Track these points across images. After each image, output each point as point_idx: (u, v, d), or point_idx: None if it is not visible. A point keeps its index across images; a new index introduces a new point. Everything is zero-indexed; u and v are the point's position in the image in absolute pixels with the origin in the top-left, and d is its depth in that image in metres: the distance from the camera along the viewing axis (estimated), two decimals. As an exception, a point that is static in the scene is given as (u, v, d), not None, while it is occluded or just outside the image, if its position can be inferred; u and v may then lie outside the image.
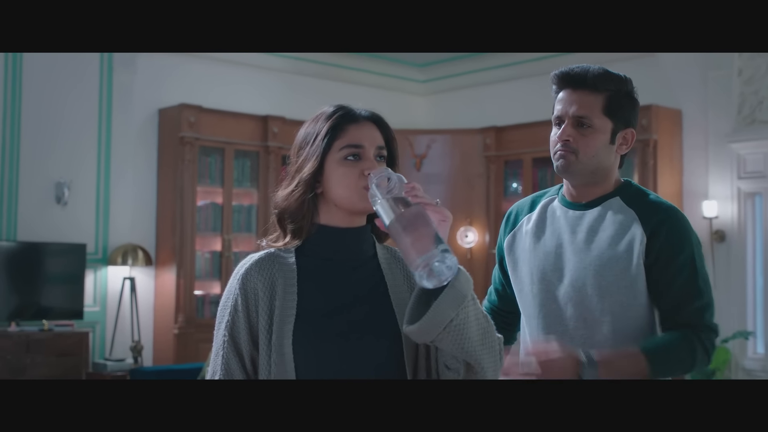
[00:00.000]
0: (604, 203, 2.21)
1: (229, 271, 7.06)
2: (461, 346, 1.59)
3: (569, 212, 2.23)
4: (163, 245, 7.05)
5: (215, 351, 1.71)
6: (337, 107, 1.76)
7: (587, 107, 2.16)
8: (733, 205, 6.61)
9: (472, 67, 8.40)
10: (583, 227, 2.20)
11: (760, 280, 6.58)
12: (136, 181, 7.08)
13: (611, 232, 2.16)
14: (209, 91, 7.38)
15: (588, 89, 2.17)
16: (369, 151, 1.71)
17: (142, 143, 7.12)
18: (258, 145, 7.36)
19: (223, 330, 1.69)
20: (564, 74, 2.21)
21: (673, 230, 2.15)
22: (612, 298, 2.14)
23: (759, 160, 6.52)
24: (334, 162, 1.70)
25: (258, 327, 1.68)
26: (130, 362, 6.61)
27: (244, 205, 7.39)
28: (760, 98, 6.51)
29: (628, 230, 2.15)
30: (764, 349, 6.54)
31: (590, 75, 2.17)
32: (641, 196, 2.22)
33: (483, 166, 7.90)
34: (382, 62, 8.51)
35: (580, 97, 2.17)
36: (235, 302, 1.69)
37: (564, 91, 2.21)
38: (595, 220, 2.19)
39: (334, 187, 1.70)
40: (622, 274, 2.13)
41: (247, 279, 1.70)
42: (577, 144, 2.16)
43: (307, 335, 1.66)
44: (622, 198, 2.21)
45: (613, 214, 2.18)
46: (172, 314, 6.88)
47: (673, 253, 2.14)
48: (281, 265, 1.72)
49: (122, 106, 7.00)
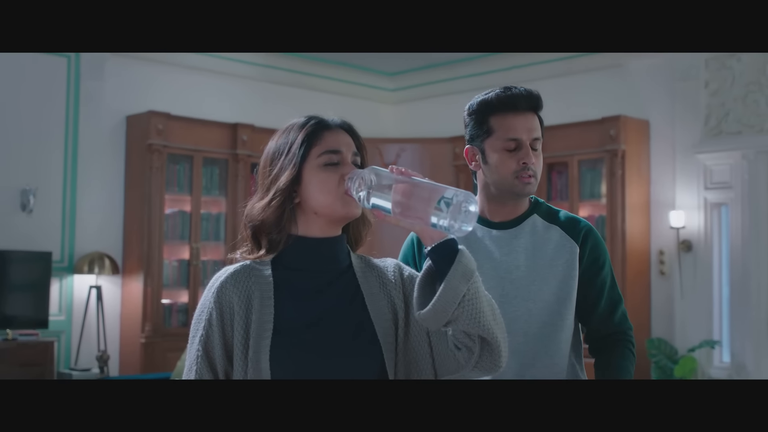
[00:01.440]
0: (524, 222, 2.27)
1: (197, 280, 7.03)
2: (477, 320, 1.58)
3: (493, 232, 2.27)
4: (131, 253, 6.98)
5: (188, 366, 1.68)
6: (309, 117, 1.75)
7: (538, 130, 2.23)
8: (700, 215, 6.67)
9: (441, 76, 8.43)
10: (514, 248, 2.24)
11: (726, 290, 6.64)
12: (103, 188, 7.01)
13: (544, 249, 2.23)
14: (178, 99, 7.33)
15: (534, 111, 2.23)
16: (347, 156, 1.71)
17: (110, 150, 7.05)
18: (227, 152, 7.32)
19: (197, 344, 1.66)
20: (521, 96, 2.22)
21: (596, 242, 2.27)
22: (552, 308, 2.21)
23: (725, 170, 6.59)
24: (312, 169, 1.69)
25: (233, 341, 1.65)
26: (96, 372, 6.53)
27: (213, 213, 7.34)
28: (727, 110, 6.59)
29: (560, 244, 2.24)
30: (730, 358, 6.60)
31: (537, 97, 2.23)
32: (554, 213, 2.31)
33: (452, 175, 7.91)
34: (352, 70, 8.51)
35: (533, 120, 2.22)
36: (210, 316, 1.66)
37: (516, 115, 2.21)
38: (525, 240, 2.25)
39: (314, 195, 1.69)
40: (561, 285, 2.21)
41: (222, 292, 1.67)
42: (536, 167, 2.22)
43: (285, 349, 1.64)
44: (540, 215, 2.29)
45: (540, 232, 2.26)
46: (139, 323, 6.81)
47: (598, 267, 2.26)
48: (257, 278, 1.69)
49: (89, 112, 6.93)
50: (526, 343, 2.19)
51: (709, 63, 6.68)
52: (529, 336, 2.20)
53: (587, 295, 2.25)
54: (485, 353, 1.63)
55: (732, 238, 6.54)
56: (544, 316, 2.20)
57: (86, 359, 6.70)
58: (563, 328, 2.21)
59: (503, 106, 2.21)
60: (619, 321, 2.28)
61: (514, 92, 2.21)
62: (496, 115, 2.21)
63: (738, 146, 6.48)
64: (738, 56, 6.49)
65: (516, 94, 2.21)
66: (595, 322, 2.27)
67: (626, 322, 2.29)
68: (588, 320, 2.28)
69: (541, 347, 2.20)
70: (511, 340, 2.14)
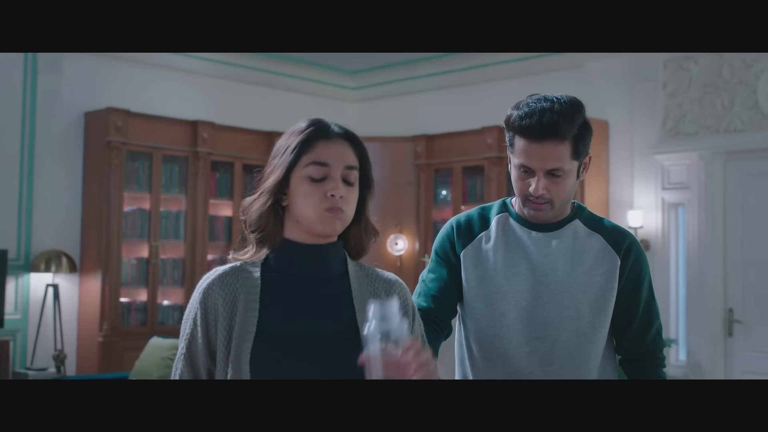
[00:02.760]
0: (566, 226, 2.21)
1: (156, 278, 6.97)
2: None
3: (532, 233, 2.20)
4: (88, 251, 6.90)
5: (175, 363, 1.71)
6: (311, 121, 1.73)
7: (559, 159, 2.09)
8: (657, 215, 6.75)
9: (402, 75, 8.44)
10: (552, 250, 2.17)
11: (683, 289, 6.73)
12: (60, 186, 6.92)
13: (585, 256, 2.17)
14: (137, 95, 7.26)
15: (557, 139, 2.07)
16: (335, 171, 1.69)
17: (68, 147, 6.96)
18: (187, 150, 7.26)
19: (183, 343, 1.70)
20: (531, 127, 2.07)
21: (639, 255, 2.20)
22: (585, 319, 2.14)
23: (682, 171, 6.67)
24: (298, 177, 1.69)
25: (216, 342, 1.66)
26: (52, 371, 6.45)
27: (172, 211, 7.28)
28: (684, 111, 6.67)
29: (602, 254, 2.17)
30: (686, 357, 6.68)
31: (560, 126, 2.06)
32: (597, 220, 2.25)
33: (413, 174, 7.93)
34: (312, 69, 8.49)
35: (551, 150, 2.07)
36: (195, 316, 1.68)
37: (530, 143, 2.08)
38: (564, 244, 2.18)
39: (298, 205, 1.69)
40: (598, 296, 2.15)
41: (208, 293, 1.69)
42: (551, 194, 2.11)
43: (266, 352, 1.63)
44: (582, 221, 2.22)
45: (581, 239, 2.19)
46: (97, 322, 6.73)
47: (638, 283, 2.19)
48: (245, 280, 1.70)
49: (47, 108, 6.83)
50: (554, 351, 2.13)
51: (667, 65, 6.76)
52: (558, 344, 2.13)
53: (624, 310, 2.19)
54: None
55: (689, 238, 6.63)
56: (575, 326, 2.13)
57: (42, 359, 6.62)
58: (594, 341, 2.15)
59: (520, 130, 2.09)
60: (652, 340, 2.22)
61: (532, 120, 2.06)
62: (516, 135, 2.12)
63: (695, 147, 6.57)
64: (695, 59, 6.58)
65: (530, 125, 2.06)
66: (628, 338, 2.22)
67: (659, 340, 2.24)
68: (621, 335, 2.23)
69: (569, 357, 2.13)
70: (539, 345, 2.13)
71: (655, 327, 2.23)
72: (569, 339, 2.13)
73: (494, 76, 7.76)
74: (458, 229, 2.26)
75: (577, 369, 2.14)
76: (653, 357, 2.23)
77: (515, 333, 2.15)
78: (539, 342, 2.14)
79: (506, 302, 2.16)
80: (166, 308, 7.17)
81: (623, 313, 2.20)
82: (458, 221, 2.29)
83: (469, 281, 2.22)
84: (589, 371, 2.15)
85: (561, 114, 2.08)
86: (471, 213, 2.31)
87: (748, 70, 6.35)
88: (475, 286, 2.21)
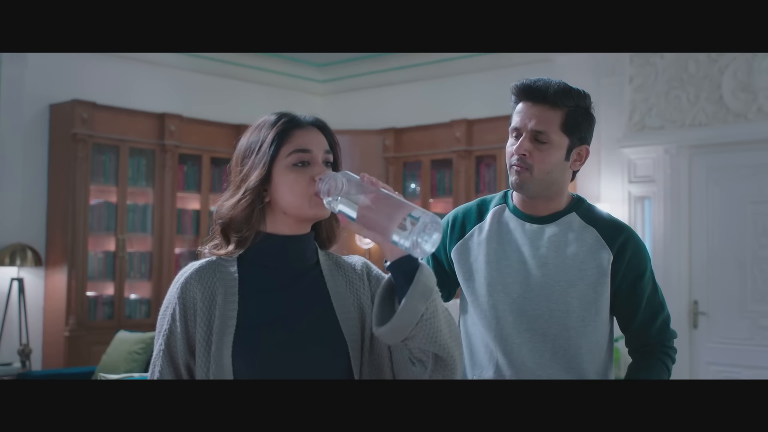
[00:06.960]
0: (561, 219, 2.22)
1: (123, 272, 6.92)
2: (434, 339, 1.57)
3: (526, 225, 2.22)
4: (54, 245, 6.84)
5: (152, 360, 1.69)
6: (280, 114, 1.73)
7: (545, 122, 2.14)
8: (624, 209, 6.81)
9: (371, 68, 8.43)
10: (545, 242, 2.19)
11: (649, 281, 6.79)
12: (25, 178, 6.84)
13: (576, 249, 2.17)
14: (103, 87, 7.19)
15: (548, 104, 2.15)
16: (317, 156, 1.69)
17: (32, 140, 6.88)
18: (154, 143, 7.21)
19: (161, 340, 1.68)
20: (525, 86, 2.17)
21: (636, 251, 2.20)
22: (575, 313, 2.14)
23: (648, 165, 6.74)
24: (282, 168, 1.68)
25: (195, 337, 1.65)
26: (17, 366, 6.37)
27: (139, 204, 7.23)
28: (650, 105, 6.73)
29: (594, 248, 2.17)
30: (652, 348, 6.75)
31: (551, 90, 2.14)
32: (595, 213, 2.26)
33: (382, 167, 7.93)
34: (281, 61, 8.46)
35: (540, 111, 2.14)
36: (173, 311, 1.67)
37: (523, 104, 2.17)
38: (557, 236, 2.19)
39: (283, 195, 1.68)
40: (588, 290, 2.15)
41: (186, 288, 1.67)
42: (532, 159, 2.14)
43: (247, 345, 1.63)
44: (579, 214, 2.23)
45: (575, 231, 2.20)
46: (63, 316, 6.67)
47: (638, 276, 2.19)
48: (222, 274, 1.69)
49: (11, 100, 6.75)
50: (544, 343, 2.14)
51: (634, 59, 6.82)
52: (548, 337, 2.14)
53: (626, 304, 2.20)
54: (438, 368, 1.62)
55: (654, 231, 6.69)
56: (564, 319, 2.14)
57: (8, 353, 6.54)
58: (584, 334, 2.15)
59: (516, 90, 2.19)
60: (658, 331, 2.22)
61: (529, 81, 2.18)
62: (515, 99, 2.20)
63: (660, 141, 6.63)
64: (661, 53, 6.64)
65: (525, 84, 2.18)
66: (633, 330, 2.23)
67: (666, 331, 2.24)
68: (626, 329, 2.24)
69: (559, 350, 2.14)
70: (530, 338, 2.14)
71: (660, 319, 2.23)
72: (558, 332, 2.14)
73: (463, 70, 7.78)
74: (450, 226, 2.31)
75: (567, 362, 2.15)
76: (660, 346, 2.23)
77: (507, 325, 2.16)
78: (530, 334, 2.15)
79: (496, 294, 2.18)
80: (134, 302, 7.13)
81: (625, 307, 2.21)
82: (453, 218, 2.32)
83: (462, 274, 2.25)
84: (581, 365, 2.16)
85: (558, 83, 2.18)
86: (469, 206, 2.34)
87: (713, 65, 6.42)
88: (467, 279, 2.24)
